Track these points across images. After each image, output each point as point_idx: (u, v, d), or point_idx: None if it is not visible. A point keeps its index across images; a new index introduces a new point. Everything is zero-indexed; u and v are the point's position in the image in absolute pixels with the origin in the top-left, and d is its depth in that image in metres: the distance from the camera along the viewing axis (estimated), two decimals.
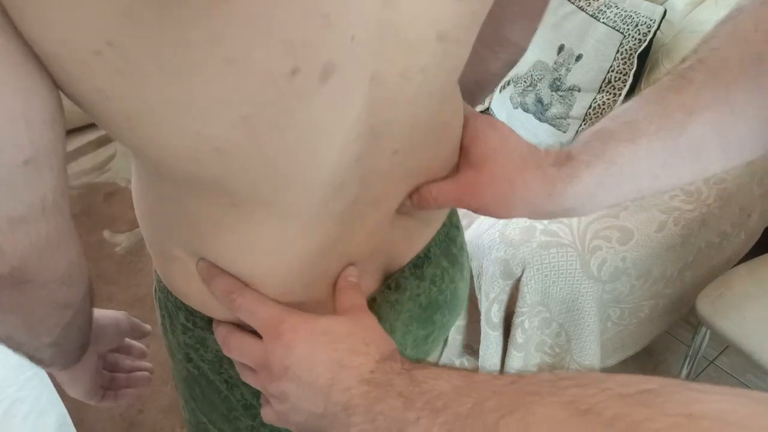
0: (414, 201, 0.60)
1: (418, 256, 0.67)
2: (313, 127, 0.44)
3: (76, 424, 0.99)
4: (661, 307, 1.45)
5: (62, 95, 0.40)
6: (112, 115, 0.39)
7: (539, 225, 1.26)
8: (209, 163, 0.43)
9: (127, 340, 0.81)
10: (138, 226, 0.61)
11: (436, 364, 0.47)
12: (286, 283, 0.55)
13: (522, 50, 0.74)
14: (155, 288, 0.65)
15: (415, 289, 0.67)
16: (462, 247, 0.75)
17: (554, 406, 0.33)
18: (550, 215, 0.60)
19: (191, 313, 0.60)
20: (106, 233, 2.24)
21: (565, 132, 1.66)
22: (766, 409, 0.27)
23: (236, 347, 0.55)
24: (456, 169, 0.62)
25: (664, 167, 0.54)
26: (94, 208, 2.38)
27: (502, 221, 1.31)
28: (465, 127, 0.62)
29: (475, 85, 0.75)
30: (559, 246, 1.22)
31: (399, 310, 0.66)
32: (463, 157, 0.62)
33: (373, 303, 0.64)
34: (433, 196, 0.60)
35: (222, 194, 0.48)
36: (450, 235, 0.72)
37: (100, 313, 0.74)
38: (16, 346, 0.57)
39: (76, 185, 2.45)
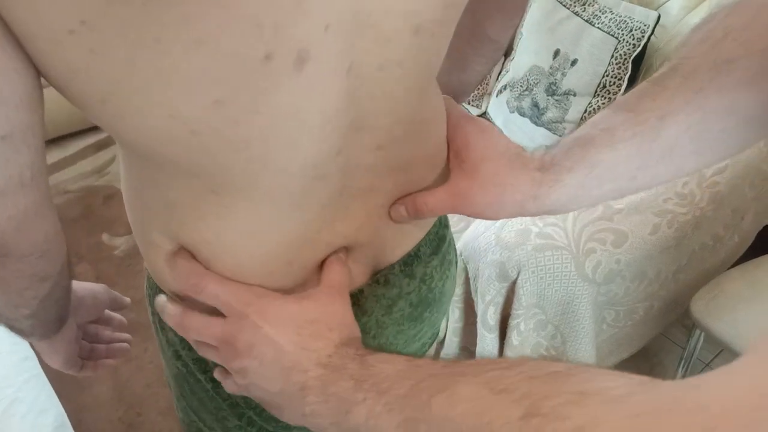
0: (409, 210, 0.62)
1: (408, 254, 0.68)
2: (289, 115, 0.45)
3: (74, 426, 1.00)
4: (655, 309, 1.47)
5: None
6: (87, 96, 0.40)
7: (534, 228, 1.27)
8: (185, 146, 0.44)
9: (107, 312, 0.83)
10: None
11: (389, 351, 0.51)
12: (267, 269, 0.57)
13: (501, 47, 0.76)
14: (146, 285, 0.66)
15: (406, 287, 0.68)
16: (450, 244, 0.76)
17: (476, 385, 0.39)
18: (534, 214, 0.63)
19: None
20: (105, 236, 2.25)
21: (561, 136, 1.67)
22: (642, 388, 0.32)
23: (194, 327, 0.57)
24: (447, 174, 0.64)
25: (640, 169, 0.57)
26: (93, 211, 2.39)
27: (497, 224, 1.32)
28: (456, 131, 0.64)
29: (459, 84, 0.77)
30: (554, 248, 1.24)
31: (388, 306, 0.67)
32: (455, 163, 0.64)
33: (360, 295, 0.65)
34: (429, 207, 0.62)
35: (201, 179, 0.49)
36: (440, 233, 0.73)
37: (78, 285, 0.75)
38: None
39: (75, 188, 2.46)
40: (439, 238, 0.72)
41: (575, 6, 1.63)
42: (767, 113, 0.52)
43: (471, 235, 1.37)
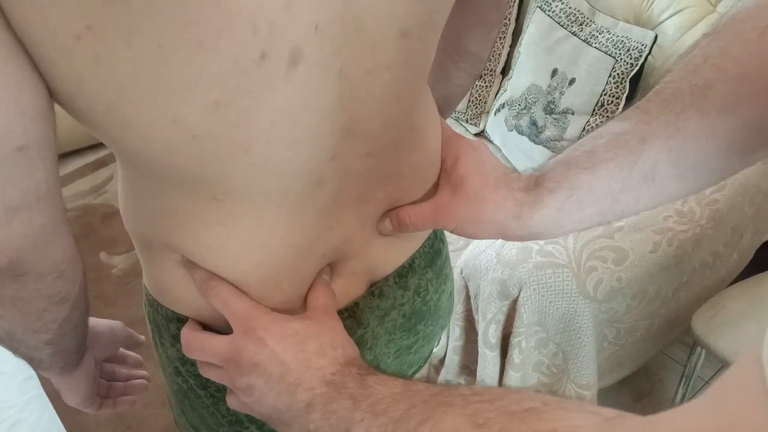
0: (393, 224, 0.63)
1: (402, 266, 0.69)
2: (285, 116, 0.46)
3: None
4: (656, 327, 1.47)
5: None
6: (93, 106, 0.41)
7: (535, 246, 1.28)
8: (188, 152, 0.45)
9: (122, 350, 0.83)
10: (135, 249, 0.62)
11: (387, 373, 0.52)
12: (268, 281, 0.57)
13: (482, 61, 0.77)
14: (144, 302, 0.66)
15: (400, 298, 0.69)
16: (446, 259, 0.77)
17: (460, 417, 0.41)
18: (517, 238, 0.63)
19: (181, 321, 0.61)
20: (103, 255, 2.24)
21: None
22: (608, 424, 0.34)
23: (198, 346, 0.57)
24: (434, 190, 0.65)
25: (623, 192, 0.57)
26: (92, 230, 2.38)
27: (498, 242, 1.32)
28: (447, 147, 0.65)
29: (442, 99, 0.78)
30: (555, 266, 1.24)
31: (381, 317, 0.68)
32: (443, 179, 0.65)
33: (356, 308, 0.65)
34: (412, 221, 0.63)
35: (203, 187, 0.50)
36: (435, 247, 0.73)
37: (96, 321, 0.75)
38: (15, 346, 0.58)
39: (74, 207, 2.45)
40: (434, 252, 0.73)
41: (573, 26, 1.65)
42: (746, 142, 0.52)
43: (472, 253, 1.37)
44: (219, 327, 0.59)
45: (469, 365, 1.50)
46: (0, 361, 0.93)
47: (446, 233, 0.76)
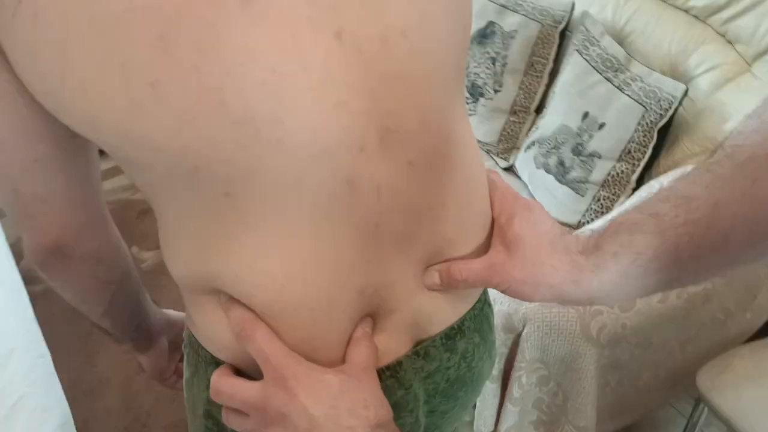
0: (443, 278, 0.60)
1: (451, 327, 0.65)
2: (255, 59, 0.44)
3: (80, 430, 1.04)
4: (661, 378, 1.47)
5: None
6: (47, 78, 0.45)
7: None
8: (155, 113, 0.44)
9: None
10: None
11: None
12: (300, 308, 0.55)
13: None
14: (185, 343, 0.67)
15: (446, 362, 0.65)
16: (492, 326, 0.73)
17: None
18: (576, 302, 0.60)
19: (219, 366, 0.60)
20: (135, 249, 2.32)
21: (583, 196, 1.70)
22: None
23: (227, 391, 0.56)
24: (486, 248, 0.63)
25: (692, 260, 0.55)
26: (127, 224, 2.46)
27: None
28: (502, 205, 0.63)
29: None
30: (561, 306, 1.26)
31: (424, 379, 0.65)
32: (497, 237, 0.63)
33: (398, 367, 0.62)
34: (463, 276, 0.60)
35: (207, 177, 0.48)
36: (484, 312, 0.70)
37: (173, 312, 0.87)
38: (87, 314, 0.72)
39: (112, 200, 2.55)
40: (483, 316, 0.70)
41: (607, 72, 1.67)
42: None
43: None
44: (254, 374, 0.57)
45: None
46: (14, 338, 0.97)
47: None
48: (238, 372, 0.59)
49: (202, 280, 0.56)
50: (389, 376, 0.61)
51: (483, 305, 0.70)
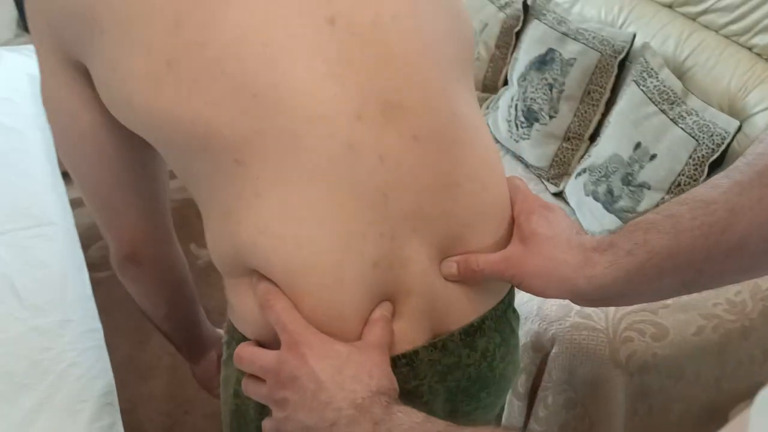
0: (461, 268, 0.62)
1: (470, 324, 0.66)
2: (249, 30, 0.54)
3: (124, 411, 1.11)
4: (694, 413, 1.44)
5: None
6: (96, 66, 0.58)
7: (576, 306, 1.31)
8: (171, 84, 0.54)
9: None
10: None
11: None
12: (312, 271, 0.57)
13: None
14: (225, 330, 0.73)
15: (465, 358, 0.66)
16: (515, 331, 0.74)
17: None
18: (589, 300, 0.62)
19: None
20: (193, 246, 2.43)
21: None
22: None
23: (248, 356, 0.61)
24: (506, 241, 0.65)
25: (706, 262, 0.55)
26: (187, 222, 2.57)
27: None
28: (522, 204, 0.66)
29: None
30: (591, 329, 1.27)
31: (443, 373, 0.65)
32: (516, 233, 0.65)
33: (415, 356, 0.63)
34: (480, 267, 0.62)
35: (219, 144, 0.56)
36: (507, 316, 0.71)
37: (222, 330, 0.94)
38: (153, 318, 0.87)
39: (175, 199, 2.67)
40: (506, 320, 0.71)
41: (663, 104, 1.67)
42: None
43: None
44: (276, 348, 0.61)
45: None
46: (70, 310, 1.06)
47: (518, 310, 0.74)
48: (263, 347, 0.63)
49: (234, 258, 0.62)
50: (404, 363, 0.62)
51: (507, 309, 0.71)
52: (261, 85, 0.54)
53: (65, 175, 1.49)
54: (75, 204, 2.24)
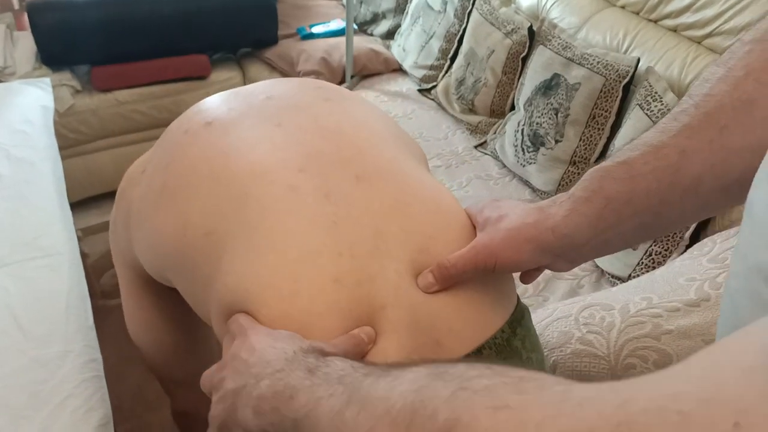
0: (436, 275, 0.64)
1: (467, 355, 0.65)
2: (236, 151, 0.70)
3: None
4: None
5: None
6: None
7: (577, 332, 1.30)
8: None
9: None
10: None
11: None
12: (272, 286, 0.62)
13: None
14: None
15: None
16: (523, 360, 0.71)
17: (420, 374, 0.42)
18: (558, 252, 0.62)
19: None
20: None
21: (635, 250, 1.69)
22: (541, 394, 0.34)
23: (205, 373, 0.62)
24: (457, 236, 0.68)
25: (662, 205, 0.57)
26: None
27: (543, 322, 1.35)
28: (473, 208, 0.70)
29: None
30: (593, 356, 1.25)
31: None
32: (477, 230, 0.68)
33: None
34: (452, 263, 0.63)
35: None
36: (511, 344, 0.70)
37: None
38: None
39: None
40: (510, 348, 0.69)
41: None
42: None
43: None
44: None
45: None
46: (73, 342, 1.07)
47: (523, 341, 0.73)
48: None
49: (218, 306, 0.68)
50: None
51: (509, 336, 0.69)
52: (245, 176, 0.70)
53: (73, 206, 1.52)
54: (88, 232, 2.29)
